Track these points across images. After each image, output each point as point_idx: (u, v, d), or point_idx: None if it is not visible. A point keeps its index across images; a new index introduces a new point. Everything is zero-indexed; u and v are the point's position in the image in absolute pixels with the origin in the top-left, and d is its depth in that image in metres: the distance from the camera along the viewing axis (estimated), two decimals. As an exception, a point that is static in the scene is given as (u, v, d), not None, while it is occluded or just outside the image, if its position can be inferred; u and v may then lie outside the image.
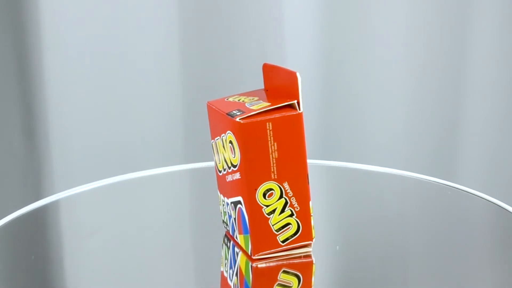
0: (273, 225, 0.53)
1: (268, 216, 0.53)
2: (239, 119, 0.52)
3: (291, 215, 0.54)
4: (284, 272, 0.53)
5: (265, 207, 0.53)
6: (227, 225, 0.58)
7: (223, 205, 0.57)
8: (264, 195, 0.53)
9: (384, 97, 1.13)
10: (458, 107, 1.14)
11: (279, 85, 0.55)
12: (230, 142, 0.53)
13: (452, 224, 0.64)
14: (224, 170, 0.55)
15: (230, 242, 0.57)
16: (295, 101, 0.52)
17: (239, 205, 0.54)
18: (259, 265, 0.53)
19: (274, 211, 0.53)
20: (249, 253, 0.54)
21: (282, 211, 0.53)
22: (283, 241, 0.54)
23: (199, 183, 0.78)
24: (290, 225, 0.54)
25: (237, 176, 0.53)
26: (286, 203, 0.53)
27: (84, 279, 0.55)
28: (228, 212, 0.56)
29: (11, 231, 0.61)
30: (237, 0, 1.07)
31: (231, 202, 0.55)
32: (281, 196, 0.53)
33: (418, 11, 1.10)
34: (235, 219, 0.55)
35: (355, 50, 1.11)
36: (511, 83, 1.13)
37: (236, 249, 0.56)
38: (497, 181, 1.16)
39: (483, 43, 1.11)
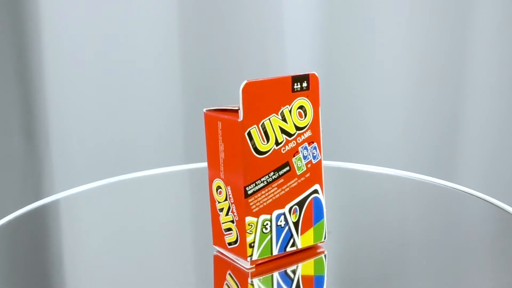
0: (222, 224, 0.54)
1: (219, 213, 0.54)
2: (207, 110, 0.53)
3: (232, 221, 0.53)
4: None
5: (217, 202, 0.54)
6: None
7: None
8: (216, 190, 0.53)
9: (384, 97, 1.13)
10: (458, 107, 1.14)
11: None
12: None
13: (452, 225, 0.64)
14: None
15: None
16: (237, 107, 0.51)
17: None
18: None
19: (222, 210, 0.53)
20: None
21: (227, 213, 0.53)
22: (229, 244, 0.53)
23: (199, 183, 0.78)
24: (231, 232, 0.53)
25: None
26: (229, 207, 0.53)
27: (84, 279, 0.55)
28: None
29: (11, 231, 0.61)
30: (237, 1, 1.07)
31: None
32: (226, 198, 0.53)
33: (418, 11, 1.10)
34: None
35: (355, 50, 1.11)
36: (511, 83, 1.13)
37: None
38: (497, 181, 1.16)
39: (483, 43, 1.11)
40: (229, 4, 1.07)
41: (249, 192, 0.52)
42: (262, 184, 0.52)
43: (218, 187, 0.53)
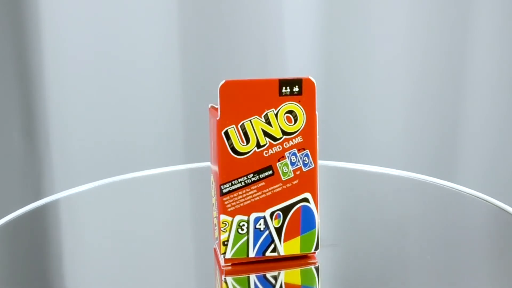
0: (213, 218, 0.55)
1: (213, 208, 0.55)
2: (211, 105, 0.54)
3: (216, 217, 0.54)
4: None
5: (211, 196, 0.55)
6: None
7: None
8: (211, 184, 0.55)
9: (384, 97, 1.13)
10: (458, 107, 1.14)
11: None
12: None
13: (451, 225, 0.64)
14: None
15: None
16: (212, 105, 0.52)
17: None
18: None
19: (213, 205, 0.55)
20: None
21: (215, 209, 0.54)
22: (216, 239, 0.54)
23: (199, 183, 0.78)
24: (216, 227, 0.54)
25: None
26: (214, 203, 0.54)
27: (84, 279, 0.55)
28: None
29: (11, 230, 0.61)
30: (237, 1, 1.07)
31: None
32: (214, 194, 0.55)
33: (418, 11, 1.10)
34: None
35: (355, 50, 1.11)
36: (511, 83, 1.13)
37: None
38: (497, 181, 1.16)
39: (483, 43, 1.11)
40: (229, 4, 1.07)
41: (224, 191, 0.52)
42: (239, 185, 0.52)
43: (212, 182, 0.54)
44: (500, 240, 0.61)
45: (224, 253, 0.53)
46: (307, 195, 0.53)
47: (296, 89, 0.52)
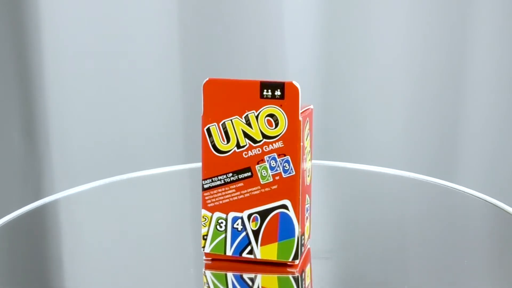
0: None
1: None
2: None
3: None
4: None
5: None
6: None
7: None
8: None
9: (384, 97, 1.13)
10: (458, 107, 1.14)
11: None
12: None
13: (451, 225, 0.64)
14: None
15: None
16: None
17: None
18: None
19: None
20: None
21: None
22: None
23: (199, 183, 0.78)
24: None
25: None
26: None
27: (84, 279, 0.55)
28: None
29: (11, 230, 0.61)
30: (237, 1, 1.07)
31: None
32: None
33: (418, 11, 1.10)
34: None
35: (355, 50, 1.11)
36: (511, 83, 1.13)
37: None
38: (497, 181, 1.16)
39: (483, 43, 1.11)
40: (229, 4, 1.07)
41: (205, 187, 0.53)
42: (219, 182, 0.52)
43: None
44: (500, 240, 0.61)
45: (204, 247, 0.53)
46: (287, 202, 0.52)
47: (278, 93, 0.51)
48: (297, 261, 0.53)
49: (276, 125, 0.51)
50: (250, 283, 0.52)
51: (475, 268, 0.56)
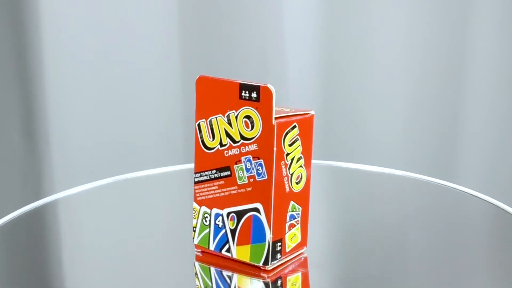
0: None
1: None
2: None
3: None
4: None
5: None
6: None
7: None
8: None
9: (384, 97, 1.13)
10: (458, 107, 1.14)
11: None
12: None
13: (451, 225, 0.64)
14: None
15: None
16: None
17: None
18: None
19: None
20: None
21: None
22: None
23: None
24: None
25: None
26: None
27: (84, 279, 0.55)
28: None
29: (11, 231, 0.61)
30: (237, 1, 1.07)
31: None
32: None
33: (418, 11, 1.10)
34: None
35: (355, 50, 1.11)
36: (511, 83, 1.13)
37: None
38: (497, 181, 1.16)
39: (483, 43, 1.11)
40: (229, 4, 1.07)
41: (196, 180, 0.54)
42: (205, 177, 0.54)
43: None
44: (500, 240, 0.61)
45: (193, 238, 0.55)
46: (258, 205, 0.52)
47: (254, 95, 0.51)
48: (268, 266, 0.52)
49: (252, 127, 0.51)
50: (228, 281, 0.53)
51: (475, 268, 0.56)
